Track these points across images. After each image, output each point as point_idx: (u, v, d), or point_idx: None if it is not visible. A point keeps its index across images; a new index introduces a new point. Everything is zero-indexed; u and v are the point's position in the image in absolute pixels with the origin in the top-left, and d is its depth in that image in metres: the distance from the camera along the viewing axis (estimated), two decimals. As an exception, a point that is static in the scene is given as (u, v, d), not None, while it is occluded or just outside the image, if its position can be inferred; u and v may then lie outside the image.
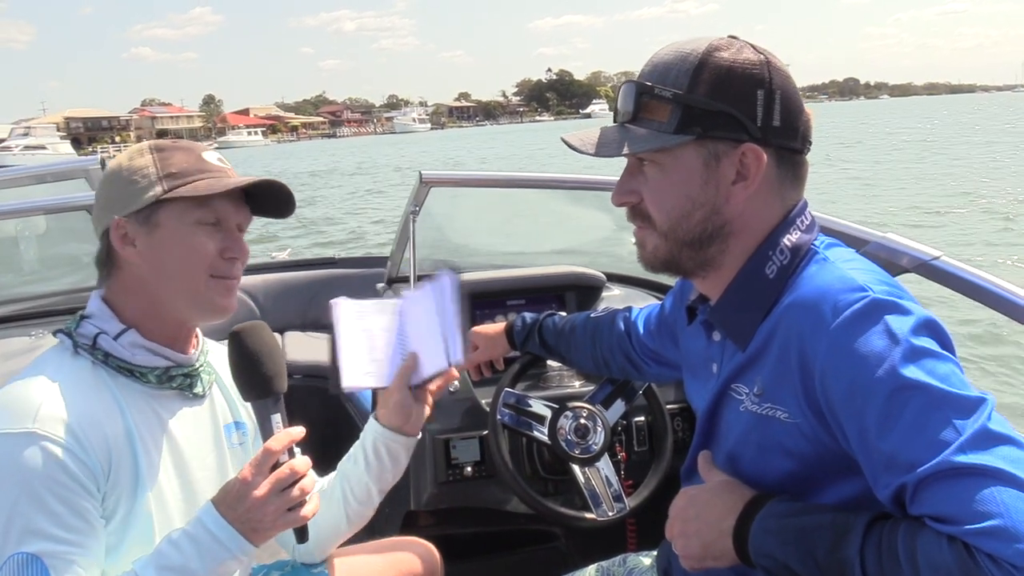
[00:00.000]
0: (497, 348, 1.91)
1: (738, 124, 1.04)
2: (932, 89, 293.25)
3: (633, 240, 1.17)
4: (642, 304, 1.73)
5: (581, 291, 2.35)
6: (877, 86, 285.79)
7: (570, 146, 1.12)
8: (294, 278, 3.35)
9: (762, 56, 1.06)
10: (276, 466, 1.14)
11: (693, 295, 1.25)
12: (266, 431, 1.18)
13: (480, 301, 2.27)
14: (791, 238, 1.08)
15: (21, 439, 1.06)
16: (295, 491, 1.14)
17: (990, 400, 0.89)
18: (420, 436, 1.43)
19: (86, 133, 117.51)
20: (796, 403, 1.00)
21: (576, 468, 1.84)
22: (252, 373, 1.18)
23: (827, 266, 1.05)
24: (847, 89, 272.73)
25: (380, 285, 2.58)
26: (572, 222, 3.77)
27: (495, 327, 1.92)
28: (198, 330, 1.32)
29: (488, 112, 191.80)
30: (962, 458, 0.85)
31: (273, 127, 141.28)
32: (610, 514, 1.83)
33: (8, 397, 1.11)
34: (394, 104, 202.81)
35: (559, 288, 2.34)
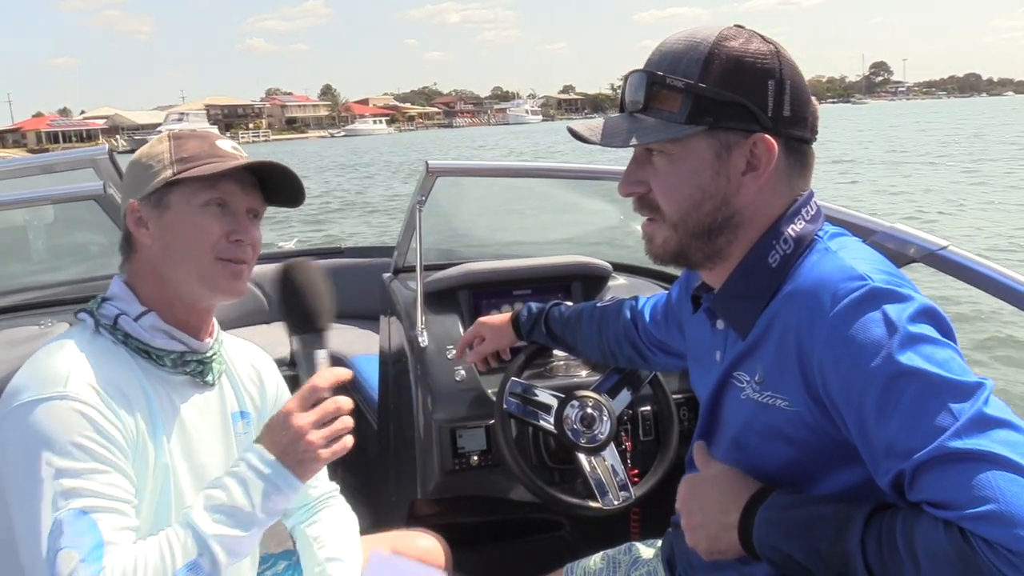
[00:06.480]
0: (503, 338, 1.91)
1: (750, 114, 1.04)
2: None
3: (640, 228, 1.17)
4: (648, 294, 1.73)
5: (587, 281, 2.35)
6: (1001, 82, 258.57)
7: (577, 136, 1.11)
8: None
9: (771, 46, 1.06)
10: (318, 402, 1.16)
11: (697, 283, 1.25)
12: (310, 366, 1.21)
13: (486, 291, 2.27)
14: (795, 228, 1.08)
15: (54, 403, 1.08)
16: (337, 424, 1.16)
17: (988, 385, 0.89)
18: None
19: (223, 120, 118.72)
20: (796, 391, 1.01)
21: (582, 457, 1.84)
22: (297, 306, 1.24)
23: (828, 255, 1.05)
24: (967, 85, 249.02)
25: (386, 275, 2.58)
26: (578, 211, 3.76)
27: (501, 317, 1.92)
28: (215, 320, 1.33)
29: (596, 105, 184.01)
30: (958, 443, 0.85)
31: (392, 117, 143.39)
32: (616, 503, 1.83)
33: (37, 365, 1.14)
34: (500, 95, 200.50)
35: (565, 278, 2.34)
